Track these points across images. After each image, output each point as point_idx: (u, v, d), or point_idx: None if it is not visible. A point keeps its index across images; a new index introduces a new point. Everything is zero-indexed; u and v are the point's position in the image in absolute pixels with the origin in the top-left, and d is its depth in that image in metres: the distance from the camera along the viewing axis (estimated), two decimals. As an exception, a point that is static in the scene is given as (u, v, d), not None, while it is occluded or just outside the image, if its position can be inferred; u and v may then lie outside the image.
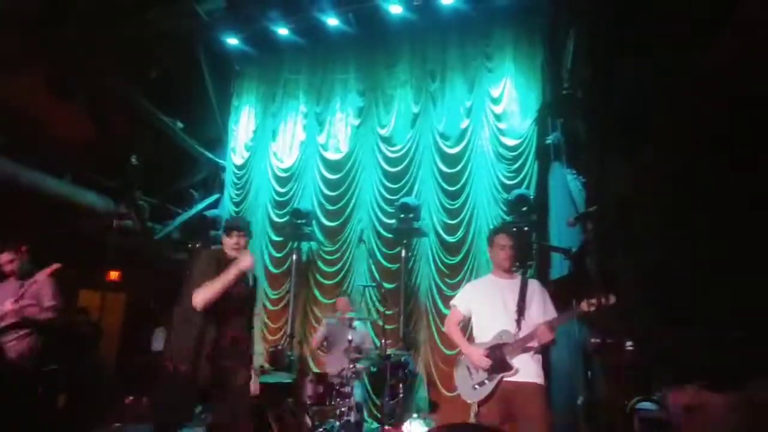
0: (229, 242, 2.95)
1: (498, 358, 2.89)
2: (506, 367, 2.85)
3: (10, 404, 3.37)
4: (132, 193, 5.72)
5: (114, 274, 6.26)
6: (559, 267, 5.19)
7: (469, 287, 3.35)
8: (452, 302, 3.29)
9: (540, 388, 2.85)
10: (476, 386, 2.92)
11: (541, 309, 3.00)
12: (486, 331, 3.03)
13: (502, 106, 6.09)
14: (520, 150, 5.88)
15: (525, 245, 5.58)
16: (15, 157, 4.92)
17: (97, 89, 5.16)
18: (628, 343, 3.52)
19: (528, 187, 5.74)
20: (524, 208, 5.48)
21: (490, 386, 2.86)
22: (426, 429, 4.14)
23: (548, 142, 5.71)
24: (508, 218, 5.69)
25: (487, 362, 2.89)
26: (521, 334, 2.90)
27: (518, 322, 2.95)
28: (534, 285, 3.12)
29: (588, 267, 4.28)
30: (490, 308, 3.06)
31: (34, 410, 3.92)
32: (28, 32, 4.66)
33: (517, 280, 3.13)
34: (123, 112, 5.50)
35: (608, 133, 3.99)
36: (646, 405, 3.27)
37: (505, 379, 2.85)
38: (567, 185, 5.27)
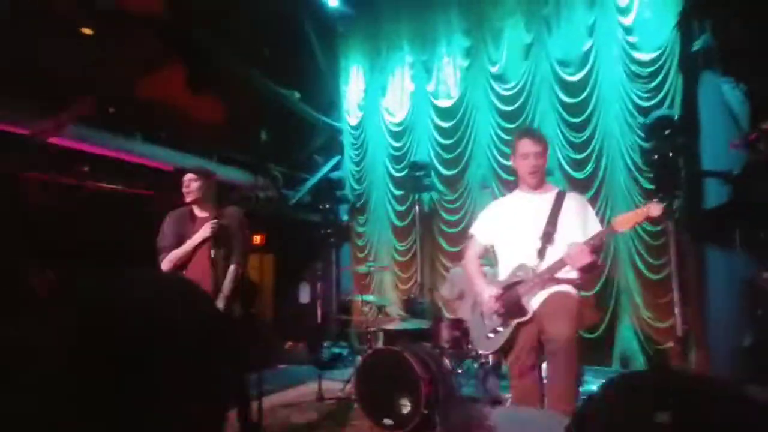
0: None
1: (511, 300, 2.37)
2: (521, 311, 2.33)
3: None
4: (266, 166, 6.31)
5: (260, 238, 7.09)
6: (716, 195, 4.56)
7: (490, 209, 2.75)
8: (470, 230, 2.76)
9: (568, 297, 2.34)
10: (490, 335, 2.43)
11: (579, 231, 2.37)
12: (507, 265, 2.51)
13: (632, 16, 5.29)
14: (658, 64, 5.10)
15: (668, 173, 4.97)
16: (174, 146, 5.70)
17: (225, 76, 5.67)
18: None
19: (671, 107, 5.01)
20: (667, 132, 4.82)
21: (505, 334, 2.37)
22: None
23: (695, 48, 4.87)
24: (646, 145, 5.08)
25: (495, 307, 2.40)
26: (543, 266, 2.35)
27: (541, 251, 2.37)
28: (572, 201, 2.49)
29: (755, 191, 3.70)
30: (513, 235, 2.51)
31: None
32: (160, 33, 5.23)
33: (549, 196, 2.52)
34: (248, 92, 5.99)
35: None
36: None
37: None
38: (723, 97, 4.51)
